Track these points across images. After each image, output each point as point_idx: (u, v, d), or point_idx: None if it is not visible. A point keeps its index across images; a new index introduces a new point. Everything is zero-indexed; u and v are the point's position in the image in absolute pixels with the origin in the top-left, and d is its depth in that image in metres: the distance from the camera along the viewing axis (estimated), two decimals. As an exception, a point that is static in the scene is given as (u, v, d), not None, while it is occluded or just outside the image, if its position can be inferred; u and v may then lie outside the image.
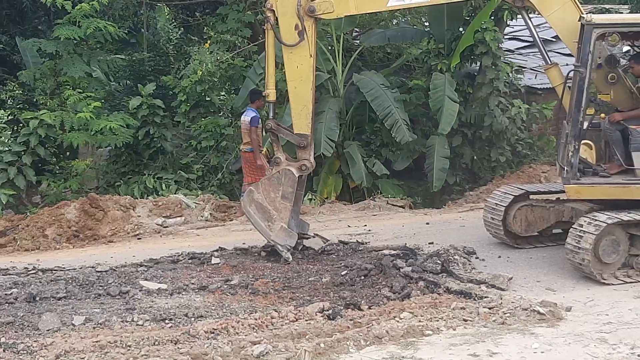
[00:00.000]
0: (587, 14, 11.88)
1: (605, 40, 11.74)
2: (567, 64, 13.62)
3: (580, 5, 12.25)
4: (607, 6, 26.13)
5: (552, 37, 21.06)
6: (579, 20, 11.81)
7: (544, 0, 12.34)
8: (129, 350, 8.69)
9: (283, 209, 12.76)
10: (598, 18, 11.87)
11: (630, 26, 12.00)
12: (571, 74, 12.08)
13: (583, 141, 11.80)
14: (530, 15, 12.96)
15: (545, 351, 8.61)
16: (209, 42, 20.89)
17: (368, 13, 18.74)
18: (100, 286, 11.51)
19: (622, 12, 24.06)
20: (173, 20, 26.23)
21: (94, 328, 9.68)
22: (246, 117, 16.11)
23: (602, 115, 12.19)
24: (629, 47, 12.82)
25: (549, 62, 12.61)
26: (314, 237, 13.80)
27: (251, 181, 15.45)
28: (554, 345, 8.78)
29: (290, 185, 12.78)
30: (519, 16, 16.27)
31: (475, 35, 18.89)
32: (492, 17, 19.40)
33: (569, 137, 11.65)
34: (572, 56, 12.58)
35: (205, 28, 21.57)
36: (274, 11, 12.61)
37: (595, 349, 8.66)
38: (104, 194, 17.53)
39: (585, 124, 11.65)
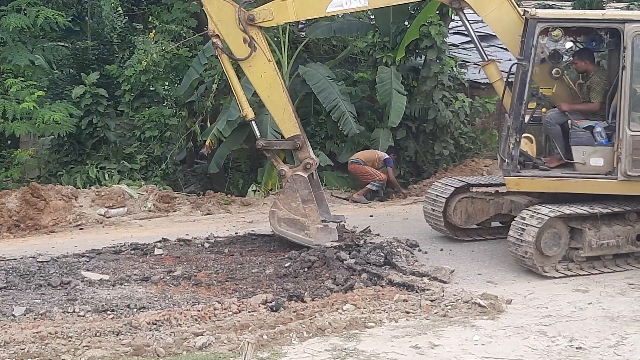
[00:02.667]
0: (531, 8, 12.04)
1: (548, 35, 11.91)
2: (509, 59, 13.76)
3: (516, 5, 12.45)
4: (550, 2, 26.37)
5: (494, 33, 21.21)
6: (524, 15, 11.99)
7: (481, 1, 12.53)
8: (70, 341, 8.65)
9: (310, 212, 12.75)
10: (542, 13, 12.10)
11: (573, 21, 12.21)
12: (514, 68, 12.22)
13: (524, 134, 11.95)
14: (470, 12, 13.07)
15: (485, 343, 8.72)
16: (154, 31, 20.69)
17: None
18: (42, 277, 11.41)
19: (564, 9, 24.31)
20: (118, 9, 25.93)
21: (34, 319, 9.61)
22: (381, 154, 17.98)
23: (544, 109, 12.35)
24: (571, 44, 13.00)
25: (486, 59, 12.84)
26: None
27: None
28: (494, 337, 8.90)
29: (304, 187, 12.78)
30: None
31: (421, 29, 18.99)
32: (437, 12, 19.49)
33: (511, 130, 11.79)
34: (512, 53, 12.76)
35: (150, 17, 21.35)
36: (218, 35, 12.63)
37: (534, 342, 8.80)
38: (46, 183, 17.29)
39: (527, 118, 11.79)
